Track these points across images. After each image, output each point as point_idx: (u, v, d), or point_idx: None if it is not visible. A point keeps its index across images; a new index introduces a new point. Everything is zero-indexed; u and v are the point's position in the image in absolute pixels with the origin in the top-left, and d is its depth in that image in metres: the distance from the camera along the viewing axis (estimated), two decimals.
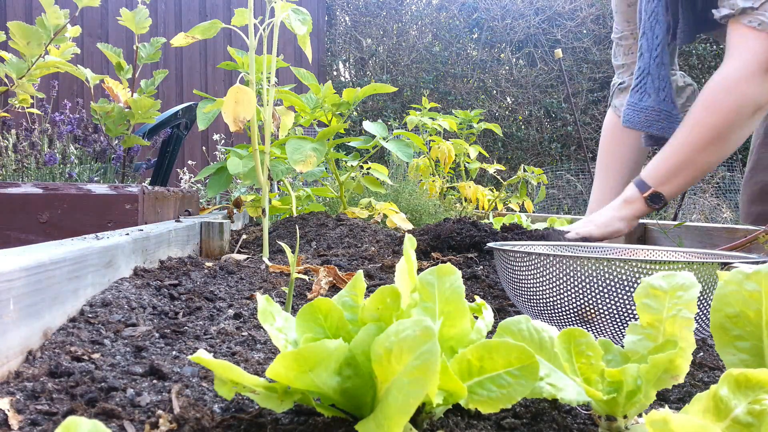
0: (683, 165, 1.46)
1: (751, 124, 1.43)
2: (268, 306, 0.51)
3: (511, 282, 0.85)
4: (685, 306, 0.46)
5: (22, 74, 1.71)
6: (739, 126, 1.41)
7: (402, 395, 0.37)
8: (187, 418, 0.47)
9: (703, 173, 1.49)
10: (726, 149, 1.45)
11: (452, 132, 3.16)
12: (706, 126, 1.43)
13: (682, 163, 1.46)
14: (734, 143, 1.44)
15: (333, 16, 7.60)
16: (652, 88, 1.61)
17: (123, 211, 1.43)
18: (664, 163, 1.48)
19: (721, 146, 1.43)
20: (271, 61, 1.42)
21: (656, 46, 1.61)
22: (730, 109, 1.40)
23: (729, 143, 1.43)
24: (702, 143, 1.43)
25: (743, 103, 1.39)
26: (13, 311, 0.56)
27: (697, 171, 1.47)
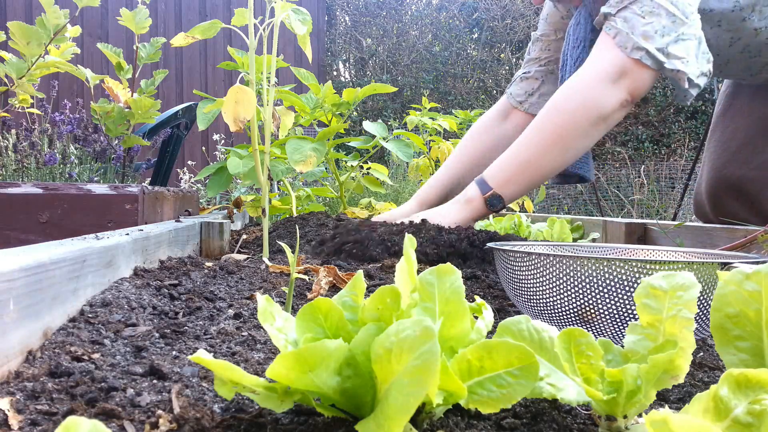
0: (525, 167, 1.42)
1: (592, 134, 1.40)
2: (268, 306, 0.51)
3: (511, 282, 0.85)
4: (685, 306, 0.46)
5: (22, 74, 1.71)
6: (582, 132, 1.39)
7: (402, 395, 0.37)
8: (187, 418, 0.47)
9: (544, 177, 1.45)
10: (567, 156, 1.42)
11: (452, 132, 3.17)
12: (550, 126, 1.40)
13: (524, 165, 1.42)
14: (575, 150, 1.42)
15: (333, 16, 7.60)
16: None
17: (123, 211, 1.43)
18: (507, 165, 1.44)
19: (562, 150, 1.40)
20: (271, 61, 1.42)
21: None
22: (574, 110, 1.38)
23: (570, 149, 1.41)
24: (545, 144, 1.40)
25: (587, 106, 1.37)
26: (13, 311, 0.56)
27: (537, 174, 1.43)
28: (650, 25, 1.34)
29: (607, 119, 1.39)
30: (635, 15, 1.36)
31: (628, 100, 1.39)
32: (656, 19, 1.34)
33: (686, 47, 1.34)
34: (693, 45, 1.35)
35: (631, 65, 1.36)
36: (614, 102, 1.38)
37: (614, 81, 1.37)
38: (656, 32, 1.33)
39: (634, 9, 1.36)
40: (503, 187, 1.42)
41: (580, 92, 1.40)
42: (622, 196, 6.20)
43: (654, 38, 1.33)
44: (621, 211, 6.17)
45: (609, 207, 6.17)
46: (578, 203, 6.33)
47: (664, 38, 1.33)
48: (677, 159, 6.69)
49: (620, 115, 1.41)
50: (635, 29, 1.35)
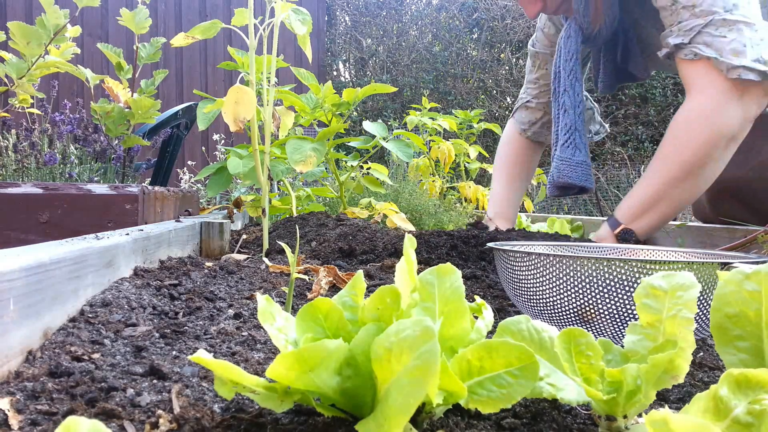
0: (655, 201, 1.42)
1: (724, 157, 1.38)
2: (268, 306, 0.51)
3: (511, 282, 0.85)
4: (685, 306, 0.46)
5: (22, 74, 1.71)
6: (713, 159, 1.37)
7: (402, 395, 0.37)
8: (187, 418, 0.47)
9: (677, 210, 1.45)
10: (700, 184, 1.40)
11: (452, 132, 3.16)
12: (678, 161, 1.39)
13: (654, 200, 1.42)
14: (708, 177, 1.40)
15: (333, 16, 7.60)
16: (581, 143, 1.63)
17: (123, 211, 1.43)
18: (635, 200, 1.45)
19: (694, 181, 1.39)
20: (271, 61, 1.42)
21: (578, 102, 1.64)
22: (704, 143, 1.36)
23: (702, 178, 1.39)
24: (675, 179, 1.39)
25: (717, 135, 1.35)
26: (13, 311, 0.56)
27: (670, 208, 1.42)
28: (736, 41, 1.32)
29: (737, 137, 1.38)
30: (715, 38, 1.34)
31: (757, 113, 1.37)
32: (738, 34, 1.32)
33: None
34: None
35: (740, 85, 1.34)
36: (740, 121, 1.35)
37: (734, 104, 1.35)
38: (745, 46, 1.31)
39: (710, 32, 1.34)
40: (633, 222, 1.43)
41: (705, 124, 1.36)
42: (622, 196, 6.19)
43: (745, 52, 1.31)
44: None
45: (609, 207, 6.17)
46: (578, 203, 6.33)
47: (754, 48, 1.32)
48: None
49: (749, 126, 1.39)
50: (723, 50, 1.33)
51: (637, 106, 7.08)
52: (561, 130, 1.65)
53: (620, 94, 6.79)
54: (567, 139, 1.64)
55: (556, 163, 1.66)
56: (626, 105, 7.12)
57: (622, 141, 7.10)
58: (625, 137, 7.11)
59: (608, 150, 7.03)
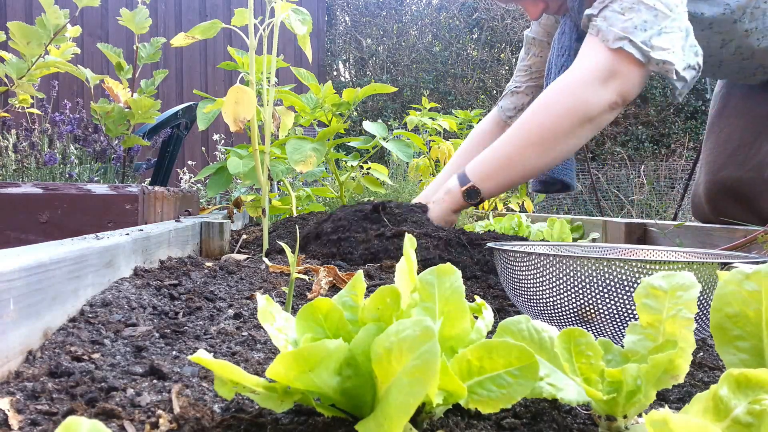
0: (506, 163, 1.42)
1: (578, 134, 1.38)
2: (268, 306, 0.51)
3: (511, 282, 0.85)
4: (685, 306, 0.46)
5: (22, 74, 1.71)
6: (566, 132, 1.37)
7: (402, 395, 0.37)
8: (187, 418, 0.47)
9: (525, 176, 1.45)
10: (550, 154, 1.41)
11: (452, 132, 3.17)
12: (533, 124, 1.40)
13: (505, 161, 1.43)
14: (559, 151, 1.40)
15: (333, 16, 7.60)
16: None
17: (123, 211, 1.43)
18: (488, 160, 1.45)
19: (544, 149, 1.39)
20: (271, 61, 1.42)
21: None
22: (560, 111, 1.37)
23: (554, 148, 1.39)
24: (525, 141, 1.40)
25: (574, 107, 1.36)
26: (13, 311, 0.56)
27: (518, 171, 1.43)
28: (630, 21, 1.33)
29: (594, 120, 1.38)
30: (614, 12, 1.35)
31: (618, 102, 1.37)
32: (636, 14, 1.33)
33: (670, 39, 1.33)
34: (678, 37, 1.34)
35: (617, 62, 1.34)
36: (603, 103, 1.36)
37: (603, 82, 1.36)
38: (636, 27, 1.33)
39: (613, 7, 1.36)
40: (482, 181, 1.44)
41: (568, 92, 1.39)
42: (622, 196, 6.20)
43: (635, 32, 1.32)
44: (621, 211, 6.17)
45: (609, 207, 6.17)
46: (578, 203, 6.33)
47: (646, 32, 1.32)
48: (677, 159, 6.69)
49: (609, 117, 1.40)
50: (615, 25, 1.35)
51: (637, 106, 7.08)
52: None
53: None
54: None
55: None
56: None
57: (622, 141, 7.09)
58: (625, 137, 7.10)
59: (608, 150, 7.03)
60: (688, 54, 1.36)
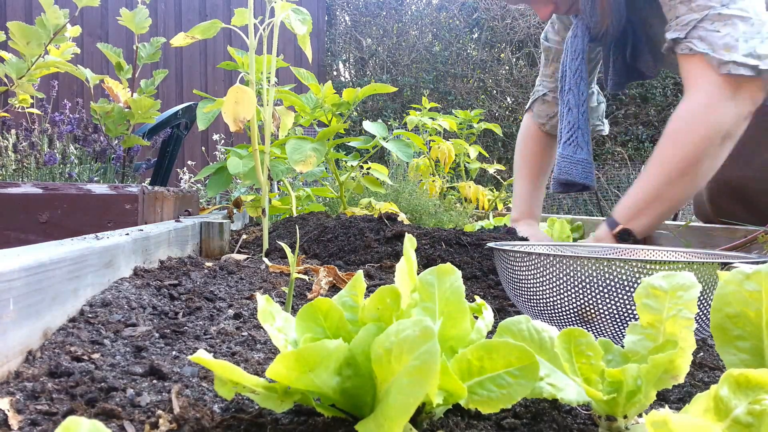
0: (651, 200, 1.41)
1: (720, 154, 1.38)
2: (268, 306, 0.51)
3: (511, 282, 0.85)
4: (686, 306, 0.46)
5: (22, 74, 1.71)
6: (708, 156, 1.36)
7: (402, 395, 0.37)
8: (187, 418, 0.47)
9: (674, 208, 1.44)
10: (696, 181, 1.40)
11: (452, 132, 3.17)
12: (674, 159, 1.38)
13: (650, 199, 1.42)
14: (703, 175, 1.40)
15: (333, 16, 7.60)
16: (583, 141, 1.64)
17: (123, 211, 1.43)
18: (632, 200, 1.45)
19: (689, 179, 1.38)
20: (271, 61, 1.42)
21: (582, 102, 1.65)
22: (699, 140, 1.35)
23: (698, 176, 1.39)
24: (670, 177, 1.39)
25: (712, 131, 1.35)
26: (13, 311, 0.56)
27: (666, 206, 1.42)
28: (729, 36, 1.31)
29: (732, 135, 1.37)
30: (709, 32, 1.33)
31: (751, 110, 1.37)
32: (732, 29, 1.32)
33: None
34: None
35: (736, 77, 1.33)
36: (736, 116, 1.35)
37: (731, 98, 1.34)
38: (737, 40, 1.31)
39: (705, 26, 1.34)
40: (631, 222, 1.43)
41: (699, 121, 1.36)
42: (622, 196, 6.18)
43: (737, 46, 1.31)
44: None
45: (609, 207, 6.17)
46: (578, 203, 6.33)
47: (749, 43, 1.31)
48: None
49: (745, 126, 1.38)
50: (715, 45, 1.32)
51: (637, 106, 7.08)
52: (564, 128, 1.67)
53: (620, 93, 6.79)
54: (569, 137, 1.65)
55: (558, 160, 1.67)
56: (626, 105, 7.12)
57: (623, 141, 7.10)
58: (625, 137, 7.11)
59: (608, 150, 7.03)
60: None
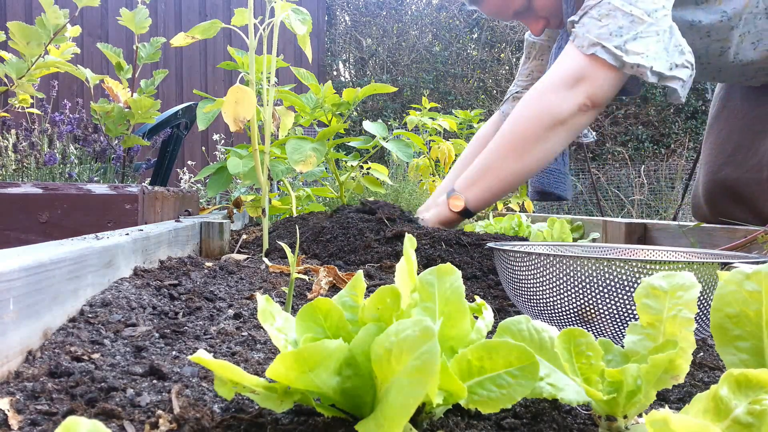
0: (485, 172, 1.46)
1: (551, 139, 1.41)
2: (268, 306, 0.51)
3: (511, 282, 0.85)
4: (686, 306, 0.46)
5: (22, 74, 1.71)
6: (538, 136, 1.40)
7: (402, 395, 0.37)
8: (187, 418, 0.47)
9: (505, 183, 1.47)
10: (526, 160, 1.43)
11: (452, 132, 3.17)
12: (508, 133, 1.44)
13: (484, 169, 1.46)
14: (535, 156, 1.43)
15: (333, 16, 7.60)
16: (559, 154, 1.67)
17: (123, 211, 1.43)
18: (470, 171, 1.49)
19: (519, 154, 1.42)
20: (271, 61, 1.42)
21: None
22: (530, 117, 1.41)
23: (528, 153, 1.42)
24: (503, 150, 1.43)
25: (542, 112, 1.39)
26: (13, 311, 0.56)
27: (499, 180, 1.45)
28: (606, 27, 1.36)
29: (566, 123, 1.40)
30: (592, 19, 1.39)
31: (587, 104, 1.39)
32: (612, 21, 1.36)
33: (646, 43, 1.35)
34: (655, 40, 1.36)
35: (588, 66, 1.37)
36: (570, 106, 1.39)
37: (571, 86, 1.39)
38: (611, 33, 1.35)
39: (591, 14, 1.40)
40: (465, 191, 1.47)
41: (536, 99, 1.42)
42: (622, 196, 6.20)
43: (610, 38, 1.35)
44: (621, 211, 6.17)
45: (609, 207, 6.17)
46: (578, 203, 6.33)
47: (621, 37, 1.35)
48: (677, 159, 6.69)
49: (582, 119, 1.42)
50: (591, 31, 1.38)
51: (637, 106, 7.08)
52: None
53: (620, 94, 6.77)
54: None
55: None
56: (626, 105, 7.12)
57: (622, 141, 7.10)
58: (625, 137, 7.10)
59: (608, 150, 7.03)
60: (672, 54, 1.37)
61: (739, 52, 1.59)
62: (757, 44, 1.57)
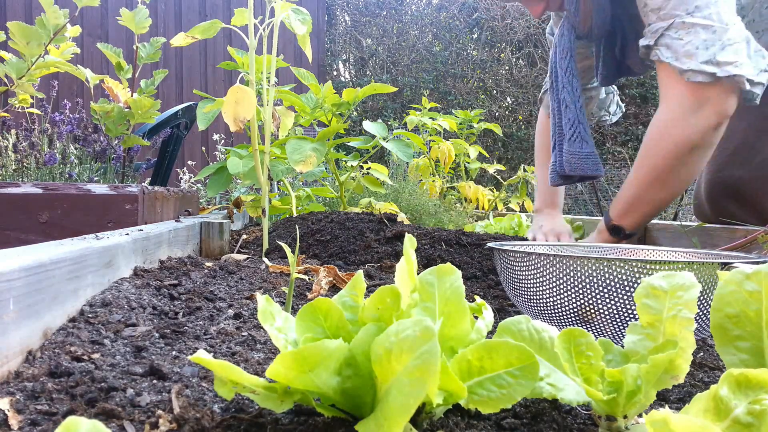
0: (635, 201, 1.52)
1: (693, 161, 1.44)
2: (268, 306, 0.51)
3: (511, 282, 0.85)
4: (686, 306, 0.46)
5: (22, 74, 1.71)
6: (680, 164, 1.43)
7: (402, 395, 0.37)
8: (187, 418, 0.47)
9: (658, 208, 1.53)
10: (674, 185, 1.47)
11: (452, 132, 3.16)
12: (648, 167, 1.48)
13: (634, 200, 1.52)
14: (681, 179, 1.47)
15: (333, 16, 7.60)
16: (587, 135, 1.69)
17: (123, 211, 1.43)
18: (619, 199, 1.56)
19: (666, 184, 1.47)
20: (271, 61, 1.42)
21: (578, 97, 1.70)
22: (667, 151, 1.43)
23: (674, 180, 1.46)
24: (647, 182, 1.48)
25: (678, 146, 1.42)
26: (13, 311, 0.56)
27: (650, 206, 1.51)
28: (690, 44, 1.36)
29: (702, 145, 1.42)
30: (673, 40, 1.39)
31: (719, 121, 1.40)
32: (693, 36, 1.36)
33: (735, 51, 1.35)
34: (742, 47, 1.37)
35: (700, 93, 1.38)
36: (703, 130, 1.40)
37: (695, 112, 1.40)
38: (698, 48, 1.36)
39: (670, 35, 1.39)
40: (621, 219, 1.55)
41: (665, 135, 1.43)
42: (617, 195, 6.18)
43: (697, 54, 1.35)
44: None
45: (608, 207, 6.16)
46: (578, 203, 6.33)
47: (708, 50, 1.35)
48: None
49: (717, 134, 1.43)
50: (678, 53, 1.38)
51: (637, 106, 7.08)
52: (566, 125, 1.71)
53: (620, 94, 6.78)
54: (573, 134, 1.69)
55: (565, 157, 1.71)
56: (626, 105, 7.12)
57: (622, 141, 7.10)
58: (625, 137, 7.11)
59: (608, 150, 7.03)
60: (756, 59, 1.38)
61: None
62: (762, 34, 1.57)
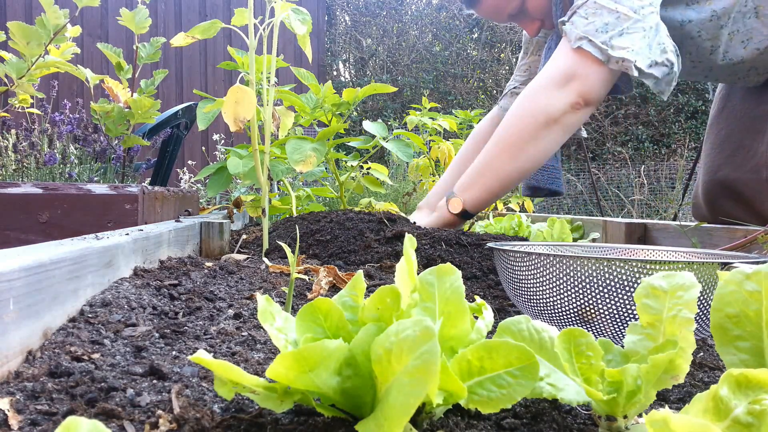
0: (482, 172, 1.48)
1: (545, 137, 1.43)
2: (268, 306, 0.51)
3: (511, 282, 0.85)
4: (686, 306, 0.46)
5: (22, 74, 1.71)
6: (531, 136, 1.42)
7: (402, 395, 0.37)
8: (187, 418, 0.47)
9: (502, 184, 1.49)
10: (521, 159, 1.45)
11: (452, 132, 3.16)
12: (503, 134, 1.46)
13: (481, 171, 1.48)
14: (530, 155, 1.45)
15: (333, 16, 7.60)
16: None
17: (123, 211, 1.43)
18: (468, 172, 1.51)
19: (513, 154, 1.44)
20: (271, 61, 1.42)
21: None
22: (523, 117, 1.43)
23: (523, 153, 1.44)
24: (498, 150, 1.46)
25: (535, 112, 1.41)
26: (13, 311, 0.56)
27: (495, 180, 1.47)
28: (592, 24, 1.40)
29: (559, 122, 1.42)
30: (579, 17, 1.43)
31: (579, 102, 1.42)
32: (598, 18, 1.40)
33: (631, 39, 1.38)
34: (640, 36, 1.39)
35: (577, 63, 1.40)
36: (562, 104, 1.41)
37: (562, 84, 1.41)
38: (597, 29, 1.39)
39: (579, 12, 1.43)
40: (463, 193, 1.49)
41: (528, 98, 1.44)
42: (622, 196, 6.20)
43: (596, 34, 1.39)
44: (621, 211, 6.17)
45: (609, 207, 6.17)
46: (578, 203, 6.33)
47: (607, 33, 1.38)
48: (677, 159, 6.69)
49: (574, 118, 1.44)
50: (578, 28, 1.41)
51: (637, 106, 7.08)
52: None
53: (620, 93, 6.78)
54: None
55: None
56: (626, 105, 7.12)
57: (622, 141, 7.10)
58: (625, 137, 7.11)
59: (608, 150, 7.03)
60: (654, 52, 1.40)
61: (728, 50, 1.59)
62: (747, 43, 1.58)
